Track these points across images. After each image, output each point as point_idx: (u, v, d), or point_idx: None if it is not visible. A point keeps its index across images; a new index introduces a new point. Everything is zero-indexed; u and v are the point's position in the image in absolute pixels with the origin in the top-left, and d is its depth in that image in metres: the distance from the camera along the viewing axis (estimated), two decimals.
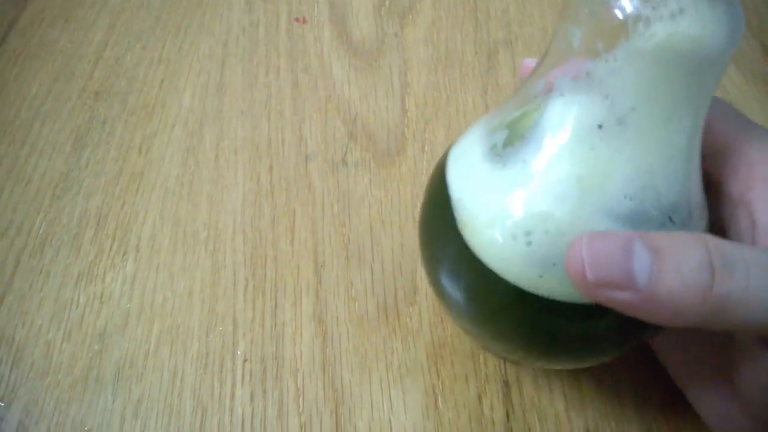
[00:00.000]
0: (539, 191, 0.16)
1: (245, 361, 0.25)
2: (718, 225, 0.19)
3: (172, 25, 0.38)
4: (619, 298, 0.14)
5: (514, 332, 0.19)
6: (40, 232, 0.29)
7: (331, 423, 0.23)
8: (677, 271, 0.14)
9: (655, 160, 0.16)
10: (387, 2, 0.40)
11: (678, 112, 0.16)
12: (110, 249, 0.28)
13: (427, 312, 0.26)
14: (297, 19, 0.39)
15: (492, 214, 0.17)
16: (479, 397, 0.24)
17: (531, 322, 0.18)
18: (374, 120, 0.33)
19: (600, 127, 0.16)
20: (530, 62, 0.20)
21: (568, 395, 0.24)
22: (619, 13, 0.15)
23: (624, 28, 0.15)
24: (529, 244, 0.16)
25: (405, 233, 0.29)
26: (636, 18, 0.14)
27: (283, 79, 0.35)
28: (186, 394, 0.24)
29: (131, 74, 0.35)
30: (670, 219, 0.16)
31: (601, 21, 0.15)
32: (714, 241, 0.14)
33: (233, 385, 0.24)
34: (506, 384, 0.24)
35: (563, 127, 0.16)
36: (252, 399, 0.24)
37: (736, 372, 0.18)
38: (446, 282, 0.19)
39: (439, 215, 0.19)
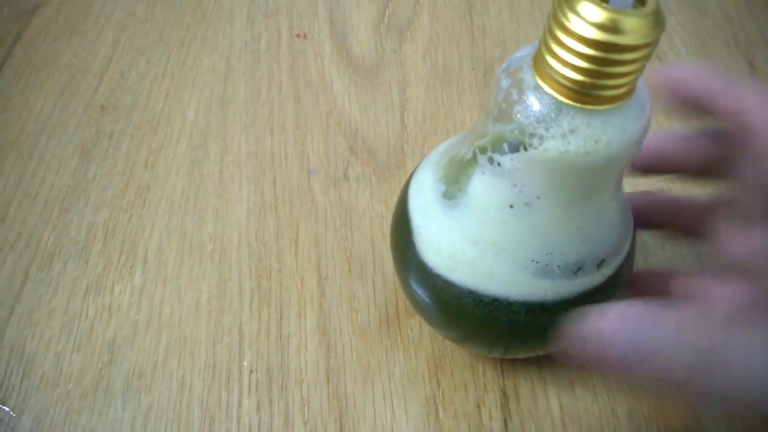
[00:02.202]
0: (467, 243, 0.19)
1: (251, 371, 0.26)
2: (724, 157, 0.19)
3: (175, 40, 0.39)
4: None
5: (462, 325, 0.22)
6: (49, 244, 0.29)
7: None
8: None
9: (561, 233, 0.18)
10: (386, 19, 0.41)
11: (584, 197, 0.18)
12: (118, 261, 0.29)
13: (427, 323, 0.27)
14: (298, 35, 0.40)
15: (440, 244, 0.20)
16: (478, 407, 0.25)
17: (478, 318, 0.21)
18: (374, 135, 0.34)
19: (511, 206, 0.18)
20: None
21: (564, 404, 0.25)
22: (516, 127, 0.16)
23: (522, 140, 0.16)
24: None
25: None
26: (531, 135, 0.16)
27: (285, 93, 0.36)
28: (194, 403, 0.25)
29: (136, 88, 0.36)
30: (575, 272, 0.19)
31: (502, 129, 0.17)
32: None
33: (240, 395, 0.25)
34: (504, 394, 0.25)
35: (482, 201, 0.19)
36: (258, 408, 0.25)
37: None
38: (410, 284, 0.22)
39: (403, 234, 0.22)
